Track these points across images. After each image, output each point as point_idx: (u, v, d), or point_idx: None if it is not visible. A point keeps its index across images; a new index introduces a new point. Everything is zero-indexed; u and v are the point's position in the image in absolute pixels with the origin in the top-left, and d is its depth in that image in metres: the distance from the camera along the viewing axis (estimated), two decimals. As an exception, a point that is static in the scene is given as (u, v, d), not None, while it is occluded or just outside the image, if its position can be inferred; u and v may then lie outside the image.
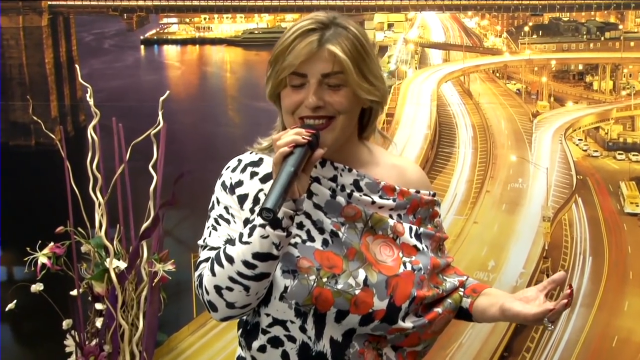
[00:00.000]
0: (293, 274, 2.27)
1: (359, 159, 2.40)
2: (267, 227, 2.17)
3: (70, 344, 2.47)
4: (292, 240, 2.27)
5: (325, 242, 2.30)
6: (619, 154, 73.75)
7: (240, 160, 2.45)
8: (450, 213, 57.90)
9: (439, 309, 2.41)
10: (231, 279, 2.22)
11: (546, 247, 50.33)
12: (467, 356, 39.02)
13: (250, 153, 2.47)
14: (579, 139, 77.09)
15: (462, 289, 2.51)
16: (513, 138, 72.41)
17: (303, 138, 2.19)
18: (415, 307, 2.33)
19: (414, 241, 2.36)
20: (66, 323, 2.47)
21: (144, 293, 2.47)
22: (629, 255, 53.92)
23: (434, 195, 2.45)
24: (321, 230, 2.31)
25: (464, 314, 2.48)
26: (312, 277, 2.26)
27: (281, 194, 2.12)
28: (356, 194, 2.33)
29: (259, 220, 2.19)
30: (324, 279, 2.27)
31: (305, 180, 2.23)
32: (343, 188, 2.33)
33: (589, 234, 56.85)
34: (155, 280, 2.47)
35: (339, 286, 2.26)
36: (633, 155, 72.84)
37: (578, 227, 57.84)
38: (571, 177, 61.78)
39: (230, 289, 2.23)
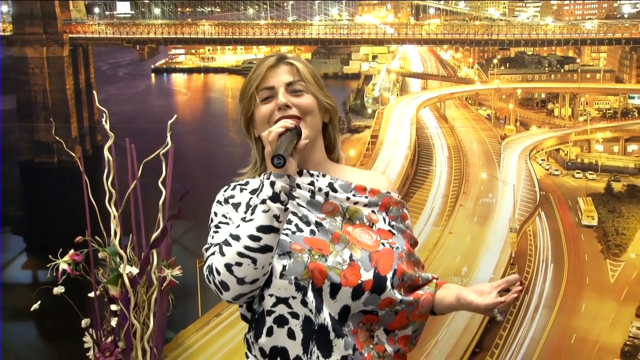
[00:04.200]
0: (288, 254, 2.35)
1: (331, 171, 2.53)
2: (269, 202, 2.26)
3: (88, 340, 2.46)
4: (283, 232, 2.35)
5: (312, 232, 2.41)
6: (577, 172, 74.01)
7: (229, 185, 2.56)
8: (428, 224, 57.92)
9: (420, 291, 2.49)
10: (240, 254, 2.27)
11: (513, 255, 50.33)
12: (443, 352, 38.93)
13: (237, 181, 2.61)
14: (541, 159, 77.33)
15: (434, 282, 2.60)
16: (484, 158, 72.56)
17: (290, 124, 2.35)
18: (399, 282, 2.40)
19: (388, 227, 2.48)
20: (85, 322, 2.45)
21: (154, 295, 2.46)
22: (586, 263, 53.95)
23: (401, 200, 2.58)
24: (307, 223, 2.42)
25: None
26: (306, 255, 2.35)
27: (288, 146, 2.28)
28: (332, 194, 2.46)
29: (260, 198, 2.28)
30: (316, 257, 2.36)
31: (294, 163, 2.34)
32: (320, 190, 2.46)
33: (551, 244, 56.89)
34: (164, 284, 2.46)
35: (329, 263, 2.35)
36: (589, 174, 73.11)
37: (541, 238, 57.88)
38: (535, 193, 61.89)
39: (239, 264, 2.27)
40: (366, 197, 2.47)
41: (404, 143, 69.76)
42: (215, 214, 2.45)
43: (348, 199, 2.46)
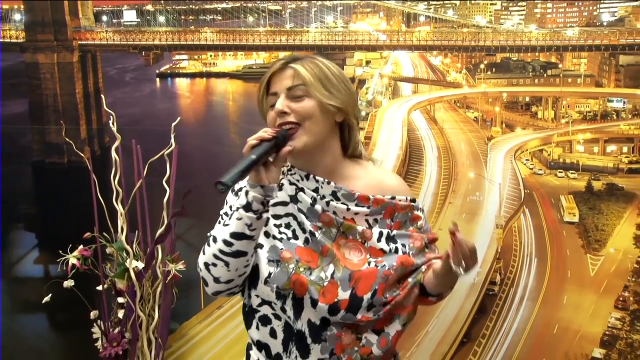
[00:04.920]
0: (277, 262, 2.33)
1: (342, 173, 2.43)
2: (241, 210, 2.24)
3: (96, 331, 2.46)
4: (279, 236, 2.35)
5: (306, 241, 2.35)
6: (559, 172, 74.06)
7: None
8: (418, 221, 57.77)
9: (410, 279, 2.40)
10: (215, 256, 2.29)
11: (499, 250, 50.29)
12: (433, 342, 38.88)
13: None
14: (526, 159, 77.37)
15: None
16: (471, 158, 72.53)
17: (268, 135, 2.26)
18: (380, 301, 2.32)
19: (381, 245, 2.37)
20: (93, 314, 2.45)
21: (159, 289, 2.46)
22: (567, 258, 53.98)
23: (412, 200, 2.45)
24: (304, 231, 2.36)
25: (423, 288, 2.45)
26: (292, 266, 2.32)
27: (237, 173, 2.17)
28: (333, 203, 2.36)
29: (236, 205, 2.27)
30: (301, 269, 2.32)
31: (275, 172, 2.28)
32: (323, 197, 2.37)
33: (535, 239, 56.91)
34: (169, 278, 2.46)
35: (312, 277, 2.31)
36: (571, 173, 73.17)
37: (525, 234, 57.90)
38: (520, 191, 61.88)
39: (214, 265, 2.30)
40: (368, 207, 2.38)
41: (395, 144, 69.71)
42: (226, 202, 2.43)
43: (348, 209, 2.37)
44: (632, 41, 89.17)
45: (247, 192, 2.24)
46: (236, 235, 2.26)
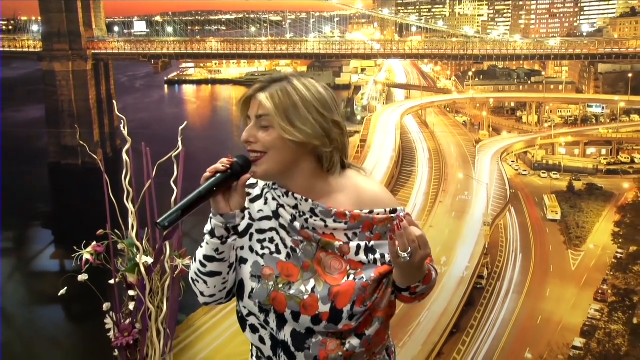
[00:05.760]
0: (258, 278, 2.33)
1: (320, 189, 2.34)
2: (207, 236, 2.27)
3: (109, 322, 2.46)
4: (261, 252, 2.35)
5: (288, 255, 2.33)
6: (542, 173, 74.10)
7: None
8: (411, 219, 57.77)
9: (384, 280, 2.32)
10: (195, 274, 2.35)
11: (486, 246, 50.22)
12: (424, 333, 38.84)
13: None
14: (511, 161, 77.37)
15: None
16: (460, 160, 72.49)
17: (223, 166, 2.24)
18: (361, 310, 2.28)
19: (360, 257, 2.31)
20: (106, 306, 2.45)
21: (167, 282, 2.46)
22: (550, 253, 53.98)
23: (392, 211, 2.35)
24: (285, 246, 2.34)
25: (395, 285, 2.36)
26: (271, 283, 2.31)
27: (175, 212, 2.17)
28: (311, 220, 2.31)
29: (205, 230, 2.29)
30: (280, 285, 2.30)
31: (237, 198, 2.27)
32: (302, 214, 2.32)
33: (520, 236, 56.89)
34: (176, 272, 2.46)
35: (292, 292, 2.29)
36: (553, 174, 73.19)
37: (511, 231, 57.88)
38: (506, 191, 61.80)
39: (197, 281, 2.36)
40: (346, 223, 2.30)
41: (389, 146, 69.67)
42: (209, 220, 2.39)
43: (326, 226, 2.30)
44: (609, 50, 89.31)
45: (210, 219, 2.26)
46: (207, 258, 2.30)
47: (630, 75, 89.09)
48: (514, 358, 39.52)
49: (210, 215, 2.25)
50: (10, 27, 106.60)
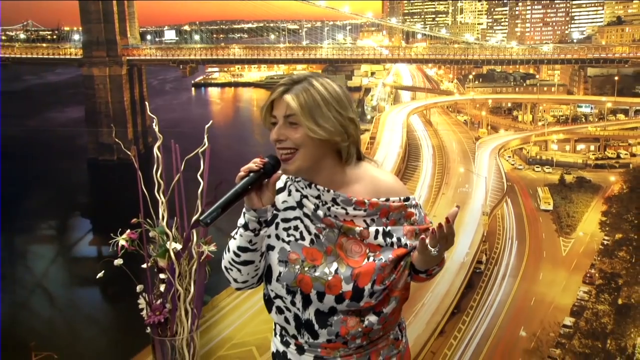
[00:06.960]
0: (285, 263, 2.36)
1: (341, 180, 2.37)
2: (241, 229, 2.32)
3: (142, 302, 2.47)
4: (287, 239, 2.37)
5: (312, 242, 2.36)
6: (536, 167, 73.84)
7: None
8: (416, 209, 57.59)
9: (402, 262, 2.36)
10: (229, 263, 2.40)
11: (485, 234, 50.12)
12: (428, 313, 38.79)
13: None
14: (508, 156, 77.09)
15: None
16: (461, 155, 72.32)
17: (256, 166, 2.27)
18: (380, 288, 2.32)
19: (378, 241, 2.34)
20: (139, 288, 2.46)
21: (194, 267, 2.47)
22: (543, 240, 53.82)
23: (406, 199, 2.39)
24: (309, 232, 2.36)
25: (412, 267, 2.40)
26: (297, 267, 2.34)
27: (216, 209, 2.21)
28: (333, 208, 2.34)
29: (239, 223, 2.34)
30: (306, 268, 2.33)
31: (269, 195, 2.30)
32: (325, 203, 2.35)
33: (515, 225, 56.74)
34: (202, 258, 2.47)
35: (317, 274, 2.32)
36: (546, 168, 72.91)
37: (507, 220, 57.73)
38: (503, 183, 61.64)
39: (230, 270, 2.41)
40: (365, 210, 2.34)
41: (396, 143, 69.57)
42: (242, 213, 2.41)
43: (347, 213, 2.33)
44: (598, 56, 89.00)
45: (243, 214, 2.31)
46: (241, 249, 2.34)
47: (616, 78, 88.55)
48: (509, 336, 39.48)
49: (244, 210, 2.29)
50: (55, 37, 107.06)
